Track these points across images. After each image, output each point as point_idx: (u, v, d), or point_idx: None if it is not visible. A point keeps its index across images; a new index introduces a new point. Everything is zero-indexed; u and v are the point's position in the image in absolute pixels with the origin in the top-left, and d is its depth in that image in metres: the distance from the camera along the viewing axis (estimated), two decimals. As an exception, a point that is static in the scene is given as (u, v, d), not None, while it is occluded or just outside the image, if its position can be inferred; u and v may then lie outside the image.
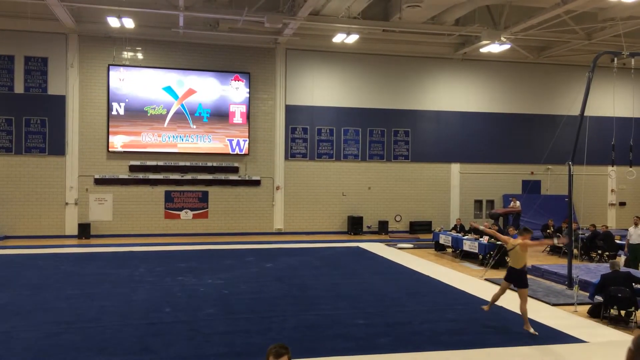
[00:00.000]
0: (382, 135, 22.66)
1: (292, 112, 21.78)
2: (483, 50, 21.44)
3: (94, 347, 7.59)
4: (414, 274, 13.83)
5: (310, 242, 19.45)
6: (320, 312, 9.65)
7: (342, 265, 14.93)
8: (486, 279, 12.96)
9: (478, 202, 23.64)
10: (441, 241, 17.62)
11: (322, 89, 22.05)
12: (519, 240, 8.60)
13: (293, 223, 21.71)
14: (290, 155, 21.80)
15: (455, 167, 23.36)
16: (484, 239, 15.14)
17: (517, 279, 8.61)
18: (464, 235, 16.67)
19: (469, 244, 15.74)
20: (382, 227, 22.18)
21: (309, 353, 7.41)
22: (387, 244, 19.26)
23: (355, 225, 21.92)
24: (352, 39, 19.59)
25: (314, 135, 22.02)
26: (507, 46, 20.50)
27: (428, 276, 13.46)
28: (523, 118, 23.81)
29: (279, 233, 21.48)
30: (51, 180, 19.66)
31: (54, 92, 19.67)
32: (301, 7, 17.18)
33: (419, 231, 22.32)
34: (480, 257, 15.47)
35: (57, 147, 19.69)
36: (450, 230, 18.24)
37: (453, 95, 23.27)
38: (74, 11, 18.22)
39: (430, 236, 19.56)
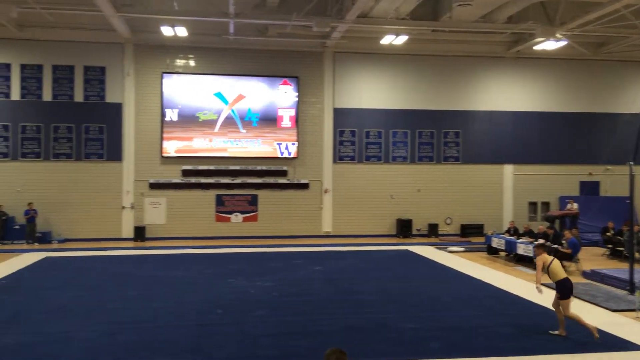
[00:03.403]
0: (432, 136, 22.32)
1: (340, 115, 21.77)
2: (537, 47, 20.80)
3: (148, 347, 7.79)
4: (465, 277, 13.53)
5: (358, 245, 19.36)
6: (370, 316, 9.56)
7: (391, 269, 14.78)
8: (542, 284, 12.49)
9: (532, 205, 22.89)
10: (494, 244, 17.17)
11: (370, 92, 21.95)
12: (549, 257, 8.65)
13: (341, 226, 21.67)
14: (338, 158, 21.78)
15: (508, 169, 22.72)
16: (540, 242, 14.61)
17: (559, 291, 8.45)
18: (518, 239, 16.18)
19: (524, 248, 15.26)
20: (432, 230, 21.82)
21: (358, 357, 7.34)
22: (437, 247, 18.93)
23: (404, 228, 21.67)
24: (401, 40, 19.41)
25: (362, 138, 21.93)
26: (562, 43, 19.81)
27: (480, 280, 13.13)
28: (580, 117, 22.91)
29: (328, 236, 21.50)
30: (109, 185, 20.40)
31: (111, 100, 20.42)
32: (349, 10, 17.16)
33: (471, 234, 21.82)
34: (536, 261, 14.94)
35: (115, 153, 20.43)
36: (503, 233, 17.74)
37: (506, 94, 22.67)
38: (129, 21, 18.88)
39: (482, 239, 19.10)
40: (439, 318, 9.47)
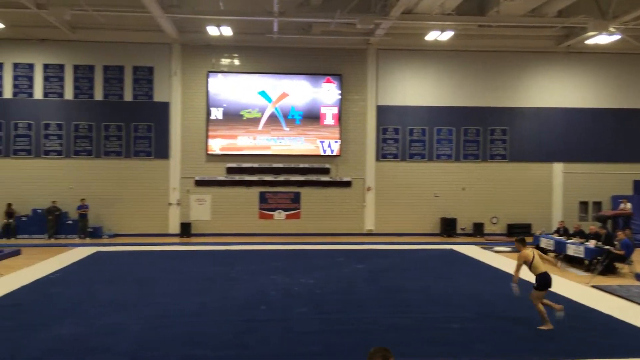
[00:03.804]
0: (477, 134, 21.89)
1: (384, 113, 21.62)
2: (589, 42, 20.07)
3: (193, 341, 7.95)
4: (512, 278, 13.16)
5: (401, 243, 19.19)
6: (413, 315, 9.46)
7: (434, 268, 14.58)
8: (593, 286, 12.09)
9: (583, 204, 22.13)
10: (542, 245, 16.69)
11: (414, 89, 21.71)
12: (530, 253, 8.80)
13: (384, 224, 21.53)
14: (381, 156, 21.65)
15: (558, 167, 22.04)
16: (591, 243, 14.15)
17: (536, 281, 8.79)
18: (567, 239, 15.68)
19: (574, 248, 14.78)
20: (477, 230, 21.42)
21: (401, 356, 7.20)
22: (482, 247, 18.57)
23: (448, 227, 21.36)
24: (446, 36, 19.10)
25: (406, 136, 21.72)
26: (616, 37, 19.04)
27: (528, 281, 12.75)
28: (634, 113, 21.99)
29: (370, 234, 21.41)
30: (156, 182, 20.93)
31: (159, 99, 20.94)
32: (393, 6, 17.01)
33: (517, 234, 21.16)
34: (587, 262, 14.45)
35: (162, 151, 20.94)
36: (553, 234, 17.23)
37: (555, 90, 21.99)
38: (177, 22, 19.29)
39: (530, 239, 18.57)
40: (484, 319, 9.28)
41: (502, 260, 15.79)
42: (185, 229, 20.68)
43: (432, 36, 19.26)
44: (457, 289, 11.78)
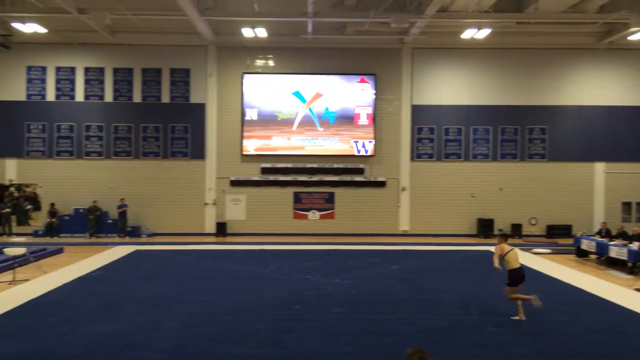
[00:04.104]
0: (515, 133, 21.45)
1: (419, 112, 21.42)
2: (632, 38, 19.41)
3: (230, 339, 8.03)
4: (552, 281, 12.90)
5: (437, 244, 18.97)
6: (449, 317, 9.33)
7: (471, 270, 14.35)
8: (637, 289, 11.70)
9: (626, 205, 21.43)
10: (583, 247, 16.24)
11: (450, 87, 21.43)
12: (507, 247, 9.32)
13: (419, 225, 21.32)
14: (416, 155, 21.46)
15: (600, 167, 21.41)
16: (635, 245, 13.68)
17: (509, 278, 9.21)
18: (610, 241, 15.20)
19: (617, 250, 14.32)
20: (515, 231, 20.99)
21: (438, 359, 7.18)
22: (521, 249, 18.04)
23: (485, 228, 21.00)
24: (483, 33, 18.79)
25: (441, 135, 21.46)
26: (661, 31, 18.39)
27: (568, 284, 12.47)
28: (682, 111, 21.20)
29: (405, 235, 21.24)
30: (193, 182, 21.27)
31: (195, 100, 21.27)
32: (429, 4, 16.83)
33: (557, 235, 20.78)
34: (630, 264, 13.98)
35: (198, 152, 21.26)
36: (594, 235, 16.74)
37: (597, 88, 21.37)
38: (212, 24, 19.54)
39: (570, 241, 18.13)
40: (523, 322, 9.07)
41: (542, 262, 15.45)
42: (221, 229, 20.95)
43: (468, 34, 18.97)
44: (494, 291, 11.55)
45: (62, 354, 7.32)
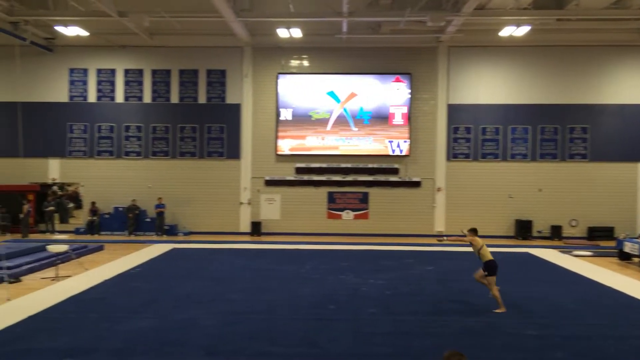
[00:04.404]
0: (555, 132, 20.94)
1: (455, 111, 21.14)
2: (679, 33, 18.73)
3: (265, 338, 8.09)
4: (593, 284, 12.53)
5: (474, 246, 18.68)
6: (486, 320, 9.17)
7: (509, 272, 14.01)
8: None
9: (673, 207, 20.69)
10: (626, 249, 15.71)
11: (487, 86, 21.08)
12: (480, 241, 10.14)
13: (455, 226, 20.94)
14: (452, 155, 21.18)
15: (644, 167, 20.74)
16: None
17: (486, 269, 9.95)
18: (655, 244, 14.68)
19: (662, 254, 13.81)
20: (555, 233, 20.49)
21: (475, 362, 7.08)
22: (560, 251, 17.74)
23: (523, 230, 20.58)
24: (522, 31, 18.40)
25: (478, 135, 21.12)
26: None
27: (610, 287, 12.09)
28: None
29: (440, 235, 20.93)
30: (228, 182, 21.52)
31: (231, 100, 21.52)
32: (466, 2, 16.59)
33: (599, 238, 20.20)
34: (677, 269, 13.48)
35: (234, 151, 21.50)
36: (638, 238, 16.19)
37: (639, 86, 20.67)
38: (248, 25, 19.75)
39: (612, 243, 17.58)
40: (562, 326, 8.85)
41: (582, 265, 15.03)
42: (256, 228, 21.13)
43: (507, 32, 18.61)
44: (532, 294, 11.32)
45: (103, 349, 7.50)
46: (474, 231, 10.41)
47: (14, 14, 18.20)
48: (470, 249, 10.64)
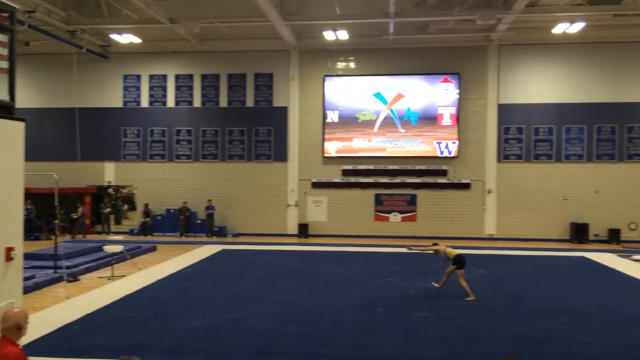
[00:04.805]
0: (613, 132, 20.11)
1: (505, 111, 20.62)
2: None
3: (314, 339, 8.09)
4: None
5: (526, 249, 18.17)
6: (541, 326, 8.86)
7: (564, 276, 13.60)
8: None
9: None
10: (692, 255, 14.91)
11: (539, 85, 20.46)
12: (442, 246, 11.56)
13: (506, 228, 20.51)
14: (503, 156, 20.67)
15: None
16: None
17: (455, 262, 11.00)
18: None
19: None
20: (613, 236, 19.66)
21: (530, 369, 6.85)
22: (619, 255, 17.01)
23: (579, 233, 19.83)
24: (576, 27, 17.79)
25: (530, 135, 20.53)
26: None
27: None
28: None
29: (491, 239, 20.50)
30: (275, 184, 21.72)
31: (278, 103, 21.73)
32: (516, -1, 16.19)
33: (660, 242, 19.26)
34: None
35: (281, 154, 21.69)
36: None
37: None
38: (295, 29, 19.90)
39: (676, 248, 16.72)
40: (622, 333, 8.46)
41: (643, 270, 14.34)
42: (303, 230, 21.23)
43: (560, 28, 18.04)
44: (589, 299, 10.88)
45: (157, 347, 7.68)
46: (434, 244, 11.84)
47: (71, 23, 19.00)
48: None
